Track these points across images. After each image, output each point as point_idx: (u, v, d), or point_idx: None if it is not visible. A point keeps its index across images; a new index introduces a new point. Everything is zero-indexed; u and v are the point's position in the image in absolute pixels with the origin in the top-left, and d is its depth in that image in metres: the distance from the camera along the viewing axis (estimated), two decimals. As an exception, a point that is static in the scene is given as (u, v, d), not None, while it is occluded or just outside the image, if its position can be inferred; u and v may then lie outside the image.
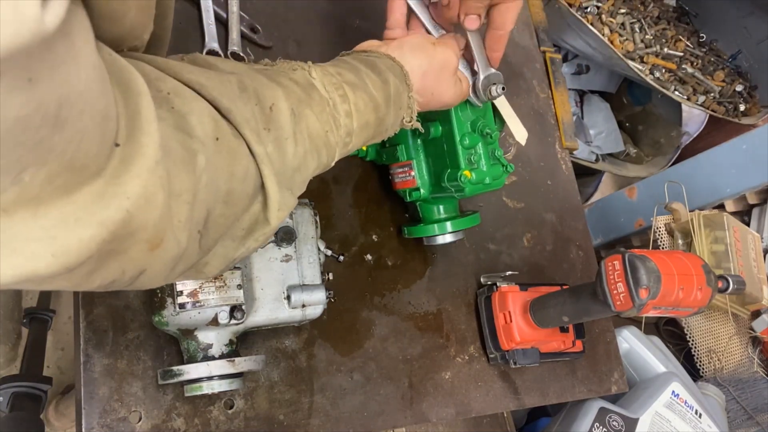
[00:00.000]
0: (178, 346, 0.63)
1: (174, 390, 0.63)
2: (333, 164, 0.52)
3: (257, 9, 0.80)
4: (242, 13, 0.78)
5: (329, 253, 0.75)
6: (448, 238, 0.77)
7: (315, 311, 0.65)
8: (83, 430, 0.58)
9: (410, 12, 0.67)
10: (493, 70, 0.67)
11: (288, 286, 0.64)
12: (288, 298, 0.64)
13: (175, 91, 0.37)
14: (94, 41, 0.29)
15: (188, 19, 0.75)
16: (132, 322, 0.63)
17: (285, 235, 0.64)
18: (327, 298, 0.66)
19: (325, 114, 0.48)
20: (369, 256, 0.80)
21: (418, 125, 0.60)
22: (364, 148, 0.79)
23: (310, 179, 0.49)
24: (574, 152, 1.12)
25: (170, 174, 0.33)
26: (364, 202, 0.82)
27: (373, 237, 0.81)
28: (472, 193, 0.70)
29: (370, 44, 0.63)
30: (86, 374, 0.60)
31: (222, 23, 0.77)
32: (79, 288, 0.32)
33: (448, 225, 0.76)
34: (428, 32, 0.67)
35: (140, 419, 0.61)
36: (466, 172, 0.68)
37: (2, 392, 1.07)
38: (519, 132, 0.77)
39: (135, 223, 0.31)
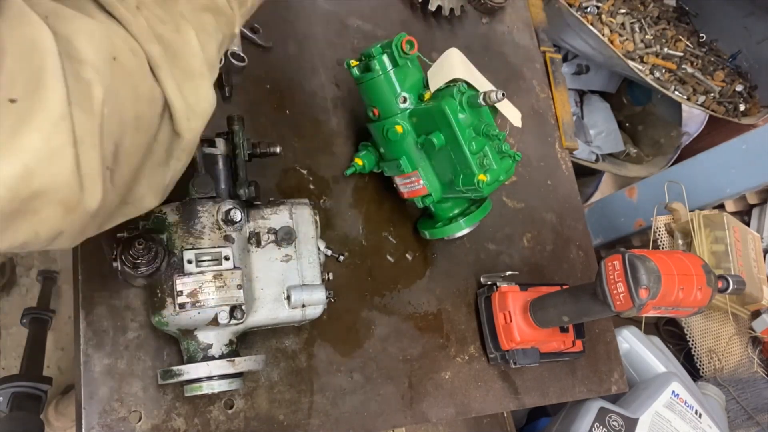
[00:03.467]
0: (178, 346, 0.63)
1: (174, 390, 0.63)
2: (237, 31, 0.48)
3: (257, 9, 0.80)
4: (242, 13, 0.78)
5: (329, 252, 0.75)
6: (465, 231, 0.78)
7: (315, 311, 0.65)
8: (83, 430, 0.58)
9: None
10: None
11: (288, 286, 0.64)
12: (288, 298, 0.64)
13: (53, 12, 0.33)
14: None
15: (188, 19, 0.75)
16: (132, 322, 0.63)
17: (285, 235, 0.64)
18: (327, 298, 0.66)
19: None
20: (369, 256, 0.80)
21: None
22: (360, 162, 0.79)
23: (220, 58, 0.46)
24: (574, 152, 1.12)
25: (73, 122, 0.31)
26: (364, 202, 0.82)
27: (374, 237, 0.81)
28: (489, 192, 0.71)
29: None
30: (86, 374, 0.60)
31: (222, 23, 0.77)
32: None
33: (465, 221, 0.77)
34: None
35: (140, 419, 0.61)
36: (481, 176, 0.69)
37: (2, 392, 1.07)
38: (513, 115, 0.77)
39: (39, 181, 0.29)
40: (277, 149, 0.68)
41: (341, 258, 0.77)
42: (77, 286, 0.62)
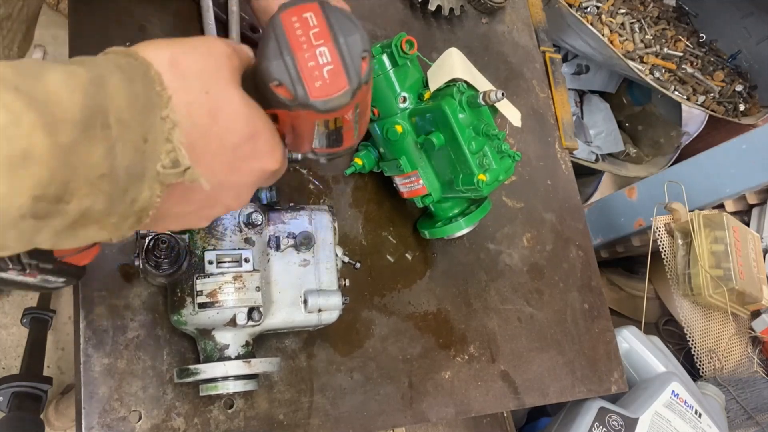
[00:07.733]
0: (178, 346, 0.64)
1: (174, 389, 0.63)
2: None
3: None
4: (242, 14, 0.78)
5: (346, 259, 0.75)
6: (465, 231, 0.78)
7: (331, 316, 0.65)
8: (83, 429, 0.58)
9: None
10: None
11: (305, 290, 0.64)
12: (305, 302, 0.64)
13: None
14: None
15: (188, 19, 0.75)
16: (132, 321, 0.63)
17: (304, 240, 0.64)
18: (343, 303, 0.66)
19: None
20: (369, 256, 0.80)
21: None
22: (360, 162, 0.79)
23: None
24: (574, 152, 1.12)
25: None
26: (364, 202, 0.82)
27: (374, 236, 0.81)
28: (489, 192, 0.71)
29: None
30: (86, 374, 0.60)
31: (222, 23, 0.77)
32: None
33: (465, 220, 0.77)
34: None
35: (140, 419, 0.61)
36: (481, 176, 0.69)
37: (2, 392, 1.07)
38: (512, 115, 0.78)
39: None
40: (299, 155, 0.69)
41: (358, 265, 0.77)
42: (77, 286, 0.62)
